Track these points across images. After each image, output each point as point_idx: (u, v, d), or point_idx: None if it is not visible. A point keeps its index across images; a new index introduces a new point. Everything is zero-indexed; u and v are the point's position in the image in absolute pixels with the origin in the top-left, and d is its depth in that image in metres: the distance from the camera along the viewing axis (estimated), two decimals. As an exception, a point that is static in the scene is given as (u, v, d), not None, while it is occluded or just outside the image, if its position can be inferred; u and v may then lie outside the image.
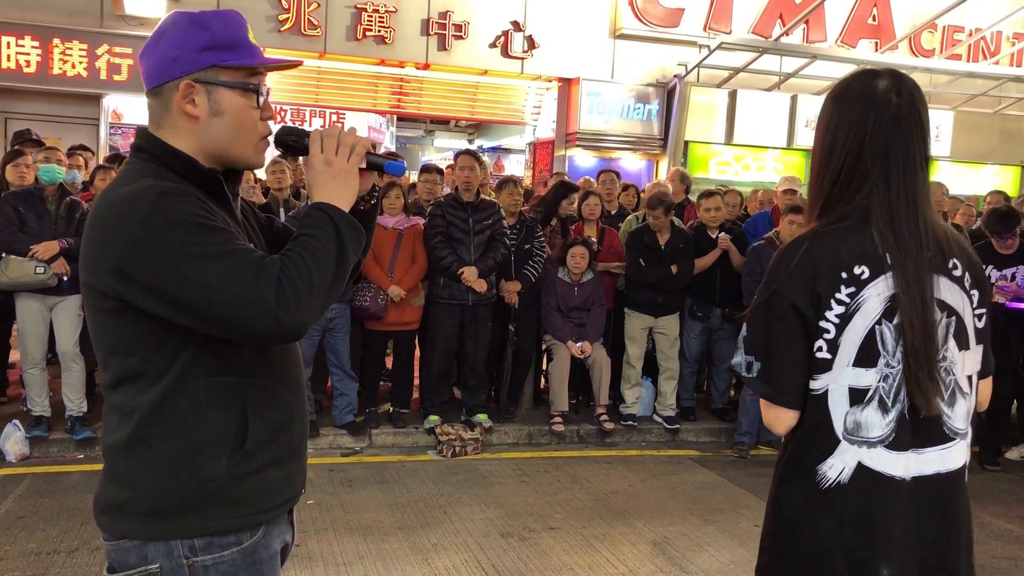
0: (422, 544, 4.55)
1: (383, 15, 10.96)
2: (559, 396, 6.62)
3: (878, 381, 1.73)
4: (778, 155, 12.48)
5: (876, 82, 1.79)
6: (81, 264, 1.57)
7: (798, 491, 1.79)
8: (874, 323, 1.72)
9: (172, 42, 1.61)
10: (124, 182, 1.57)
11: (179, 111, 1.62)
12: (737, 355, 1.84)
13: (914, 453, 1.74)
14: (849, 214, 1.77)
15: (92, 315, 1.60)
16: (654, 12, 11.78)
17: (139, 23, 10.21)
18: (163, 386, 1.55)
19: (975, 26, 12.67)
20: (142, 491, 1.56)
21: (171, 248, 1.45)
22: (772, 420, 1.82)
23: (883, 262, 1.72)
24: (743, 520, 5.16)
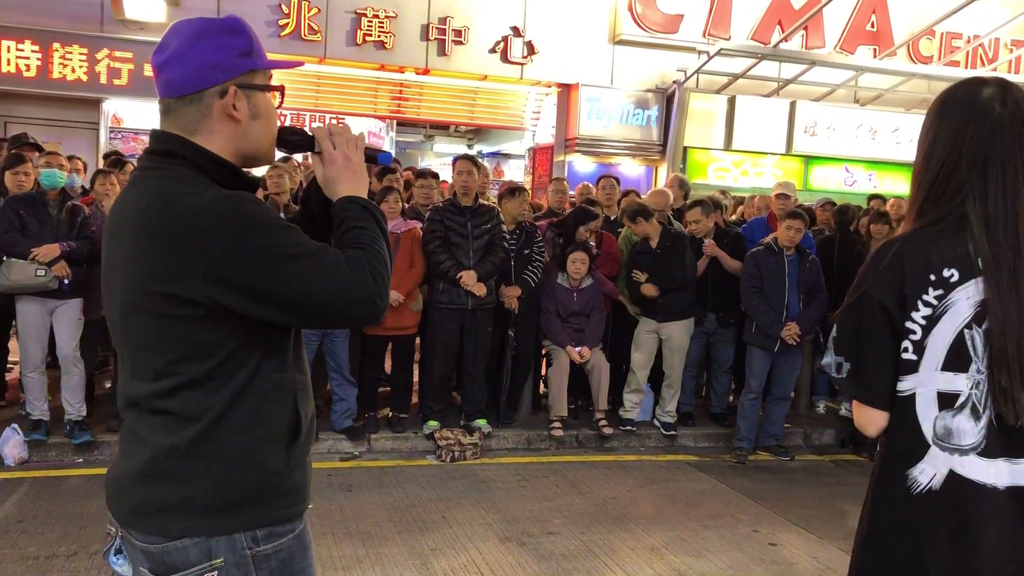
0: (420, 549, 4.55)
1: (383, 20, 10.99)
2: (558, 401, 6.63)
3: (970, 387, 1.72)
4: (777, 161, 12.51)
5: (981, 90, 1.78)
6: (157, 274, 1.53)
7: (889, 496, 1.79)
8: (963, 327, 1.71)
9: (210, 48, 1.63)
10: (188, 190, 1.56)
11: (221, 116, 1.66)
12: (827, 355, 1.85)
13: (1007, 462, 1.72)
14: (943, 218, 1.77)
15: (161, 323, 1.56)
16: (653, 18, 11.81)
17: (139, 27, 10.24)
18: (234, 387, 1.60)
19: (973, 33, 12.72)
20: (207, 488, 1.59)
21: (270, 251, 1.52)
22: (863, 421, 1.82)
23: (975, 267, 1.72)
24: (741, 526, 5.16)
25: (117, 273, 1.62)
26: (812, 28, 12.23)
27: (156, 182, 1.61)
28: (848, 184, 12.79)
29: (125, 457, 1.67)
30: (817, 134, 12.27)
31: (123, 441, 1.70)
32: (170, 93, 1.65)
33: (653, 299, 6.64)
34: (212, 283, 1.52)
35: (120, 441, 1.73)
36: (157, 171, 1.64)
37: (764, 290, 6.46)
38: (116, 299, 1.63)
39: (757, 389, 6.59)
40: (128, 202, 1.64)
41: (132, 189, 1.67)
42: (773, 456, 6.69)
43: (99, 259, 5.80)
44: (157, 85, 1.67)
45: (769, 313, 6.41)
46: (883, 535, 1.79)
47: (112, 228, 1.67)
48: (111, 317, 1.68)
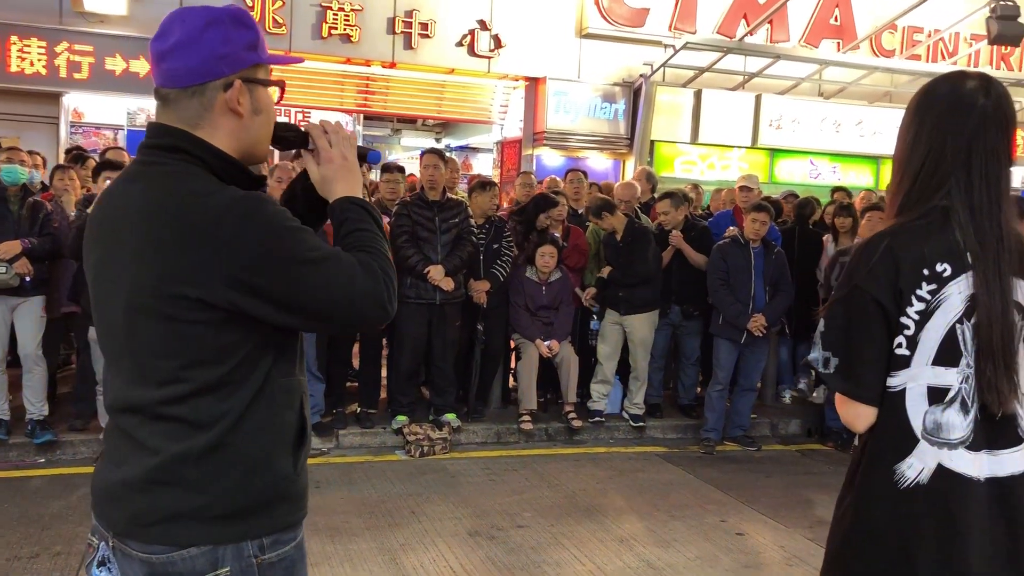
0: (390, 544, 4.54)
1: (348, 13, 10.90)
2: (527, 395, 6.64)
3: (960, 382, 1.73)
4: (743, 154, 12.60)
5: (964, 83, 1.79)
6: (172, 277, 1.48)
7: (876, 491, 1.78)
8: (955, 321, 1.72)
9: (217, 39, 1.57)
10: (202, 188, 1.52)
11: (223, 110, 1.60)
12: (814, 350, 1.83)
13: (987, 454, 1.74)
14: (930, 211, 1.77)
15: (173, 327, 1.50)
16: (620, 12, 11.83)
17: (99, 20, 10.07)
18: (247, 392, 1.56)
19: (934, 27, 12.88)
20: (220, 496, 1.55)
21: (290, 256, 1.50)
22: (851, 417, 1.80)
23: (965, 261, 1.72)
24: (709, 516, 5.20)
25: (118, 273, 1.55)
26: (777, 22, 12.31)
27: (162, 178, 1.55)
28: (813, 177, 12.91)
29: (119, 464, 1.60)
30: (782, 127, 12.36)
31: (115, 447, 1.63)
32: (172, 83, 1.58)
33: (616, 291, 6.67)
34: (231, 286, 1.47)
35: (109, 447, 1.65)
36: (159, 167, 1.57)
37: (731, 282, 6.51)
38: (119, 301, 1.55)
39: (724, 380, 6.64)
40: (129, 198, 1.57)
41: (131, 185, 1.59)
42: (740, 447, 6.75)
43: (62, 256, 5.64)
44: (156, 74, 1.60)
45: (736, 305, 6.46)
46: (870, 530, 1.79)
47: (108, 225, 1.59)
48: (108, 319, 1.60)
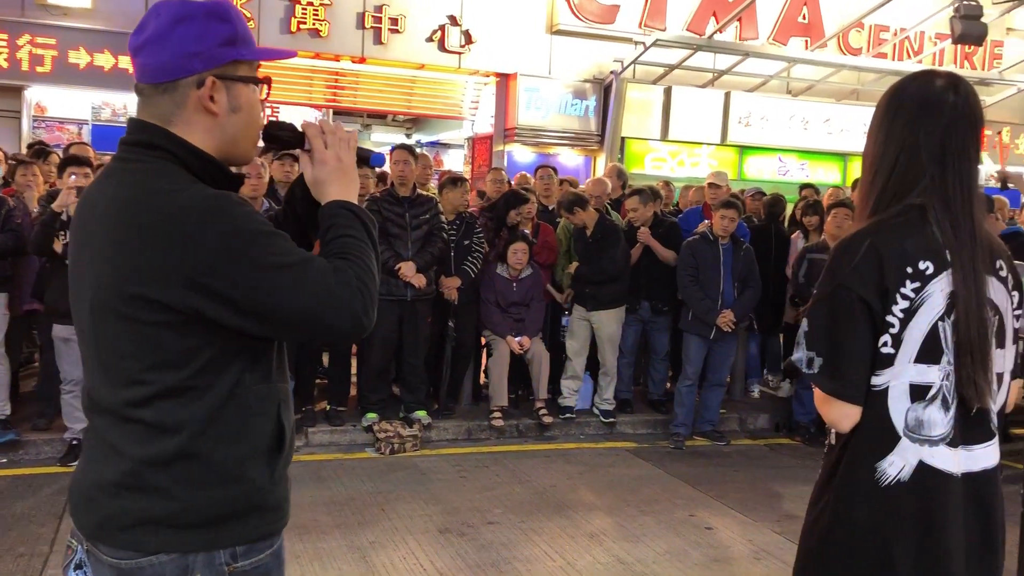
0: (360, 542, 4.51)
1: (317, 8, 10.82)
2: (498, 391, 6.63)
3: (942, 379, 1.74)
4: (712, 151, 12.69)
5: (934, 81, 1.80)
6: (131, 276, 1.45)
7: (857, 488, 1.78)
8: (937, 319, 1.73)
9: (190, 35, 1.53)
10: (169, 186, 1.48)
11: (197, 108, 1.56)
12: (798, 351, 1.82)
13: (964, 450, 1.76)
14: (907, 209, 1.78)
15: (134, 327, 1.47)
16: (590, 8, 11.85)
17: (63, 13, 9.92)
18: (214, 398, 1.51)
19: (900, 26, 13.04)
20: (188, 503, 1.51)
21: (254, 260, 1.44)
22: (838, 417, 1.79)
23: (944, 258, 1.73)
24: (678, 510, 5.23)
25: (86, 271, 1.53)
26: (746, 20, 12.40)
27: (134, 175, 1.52)
28: (782, 173, 13.03)
29: (92, 465, 1.57)
30: (751, 124, 12.46)
31: (90, 448, 1.60)
32: (145, 79, 1.56)
33: (583, 287, 6.70)
34: (189, 287, 1.43)
35: (86, 447, 1.62)
36: (135, 163, 1.54)
37: (700, 278, 6.55)
38: (85, 299, 1.53)
39: (693, 376, 6.68)
40: (101, 195, 1.54)
41: (106, 181, 1.56)
42: (709, 441, 6.79)
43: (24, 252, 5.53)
44: (134, 69, 1.57)
45: (705, 301, 6.50)
46: (851, 529, 1.79)
47: (81, 222, 1.57)
48: (78, 318, 1.58)
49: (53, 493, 5.02)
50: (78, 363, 5.30)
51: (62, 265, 5.22)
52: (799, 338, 1.82)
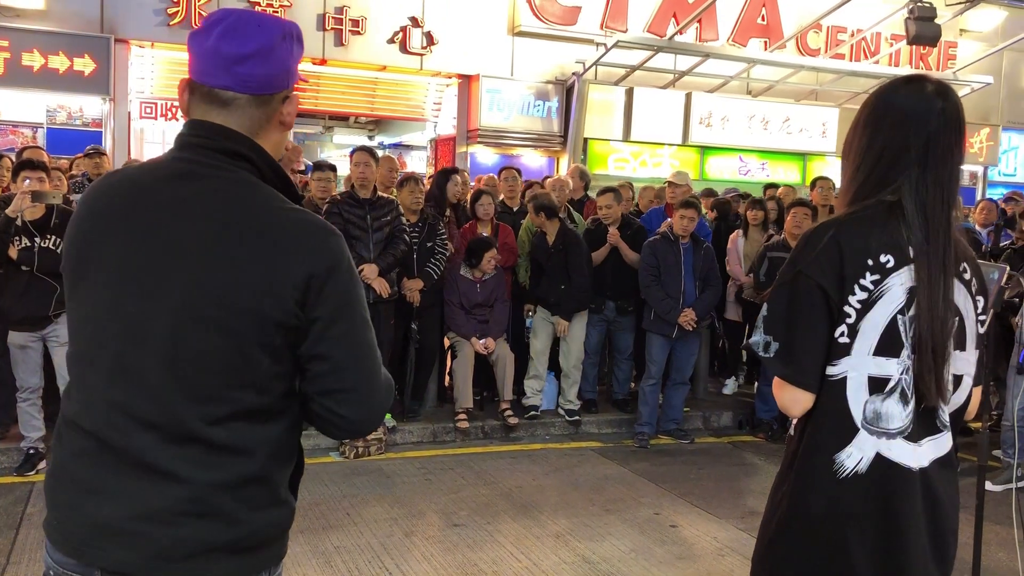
0: (324, 547, 4.48)
1: (277, 10, 10.70)
2: (463, 393, 6.62)
3: (900, 373, 1.76)
4: (674, 151, 12.77)
5: (924, 84, 1.84)
6: (246, 289, 1.44)
7: (814, 479, 1.80)
8: (896, 312, 1.75)
9: (288, 53, 1.58)
10: (278, 202, 1.52)
11: (278, 123, 1.61)
12: (756, 334, 1.84)
13: (921, 443, 1.80)
14: (875, 204, 1.81)
15: (235, 344, 1.44)
16: (551, 10, 11.88)
17: (15, 15, 9.74)
18: (286, 422, 1.55)
19: (857, 27, 13.24)
20: (251, 528, 1.50)
21: (357, 304, 1.54)
22: (788, 402, 1.81)
23: (907, 253, 1.76)
24: (643, 509, 5.26)
25: (164, 276, 1.46)
26: (706, 21, 12.51)
27: (229, 184, 1.51)
28: (743, 173, 13.16)
29: (123, 494, 1.45)
30: (712, 125, 12.56)
31: (111, 473, 1.47)
32: (247, 89, 1.54)
33: (546, 295, 6.79)
34: (299, 306, 1.46)
35: (87, 474, 1.49)
36: (222, 170, 1.52)
37: (661, 278, 6.60)
38: (161, 305, 1.45)
39: (656, 375, 6.73)
40: (184, 198, 1.49)
41: (185, 184, 1.50)
42: (674, 440, 6.84)
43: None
44: (222, 74, 1.52)
45: (666, 300, 6.55)
46: (807, 520, 1.81)
47: (144, 221, 1.49)
48: (128, 323, 1.47)
49: (10, 504, 4.92)
50: (36, 371, 5.27)
51: (18, 271, 5.12)
52: (758, 322, 1.86)
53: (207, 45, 1.53)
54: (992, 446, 5.71)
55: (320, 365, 1.49)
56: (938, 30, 10.54)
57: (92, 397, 1.50)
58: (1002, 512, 5.21)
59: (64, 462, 1.53)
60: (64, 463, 1.53)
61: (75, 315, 1.56)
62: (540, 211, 6.73)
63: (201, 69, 1.55)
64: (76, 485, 1.50)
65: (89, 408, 1.50)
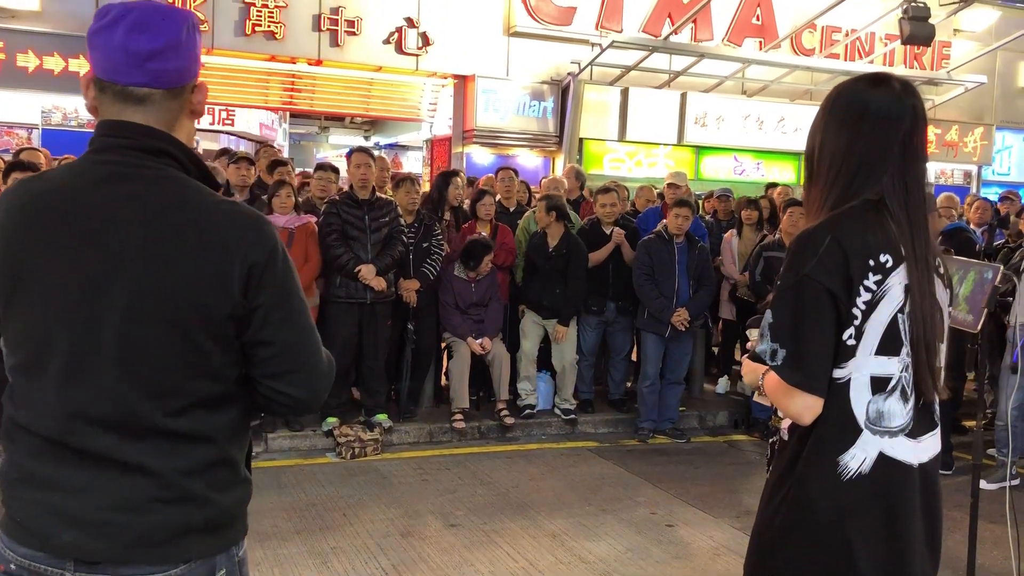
0: (321, 548, 4.49)
1: (272, 10, 10.71)
2: (459, 393, 6.63)
3: (901, 371, 1.77)
4: (669, 151, 12.79)
5: (893, 83, 1.85)
6: (194, 285, 1.47)
7: (818, 482, 1.79)
8: (896, 311, 1.76)
9: (194, 43, 1.59)
10: (210, 197, 1.54)
11: (189, 112, 1.62)
12: (762, 342, 1.82)
13: (918, 441, 1.82)
14: (864, 204, 1.81)
15: (186, 337, 1.48)
16: (547, 10, 11.89)
17: (10, 16, 9.73)
18: (240, 406, 1.60)
19: (851, 27, 13.26)
20: (223, 507, 1.57)
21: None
22: (800, 409, 1.77)
23: (900, 251, 1.77)
24: (639, 508, 5.28)
25: (110, 278, 1.46)
26: (701, 21, 12.51)
27: (164, 182, 1.52)
28: (738, 173, 13.18)
29: (92, 490, 1.48)
30: (707, 125, 12.58)
31: (76, 469, 1.49)
32: (160, 84, 1.54)
33: (537, 296, 6.81)
34: (244, 296, 1.50)
35: (47, 471, 1.50)
36: (150, 170, 1.53)
37: (655, 277, 6.61)
38: (111, 307, 1.46)
39: (653, 375, 6.75)
40: (119, 200, 1.49)
41: (118, 186, 1.50)
42: (670, 439, 6.85)
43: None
44: (137, 72, 1.52)
45: (660, 300, 6.57)
46: (811, 525, 1.80)
47: (81, 225, 1.49)
48: (74, 326, 1.48)
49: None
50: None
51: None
52: (763, 330, 1.83)
53: (115, 42, 1.51)
54: (986, 445, 5.74)
55: (265, 350, 1.55)
56: (932, 30, 10.56)
57: (45, 406, 1.50)
58: (996, 510, 5.21)
59: (20, 462, 1.54)
60: (20, 463, 1.54)
61: (16, 325, 1.53)
62: (552, 210, 6.71)
63: (111, 67, 1.53)
64: (38, 482, 1.51)
65: (42, 416, 1.50)
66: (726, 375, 8.14)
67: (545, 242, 6.78)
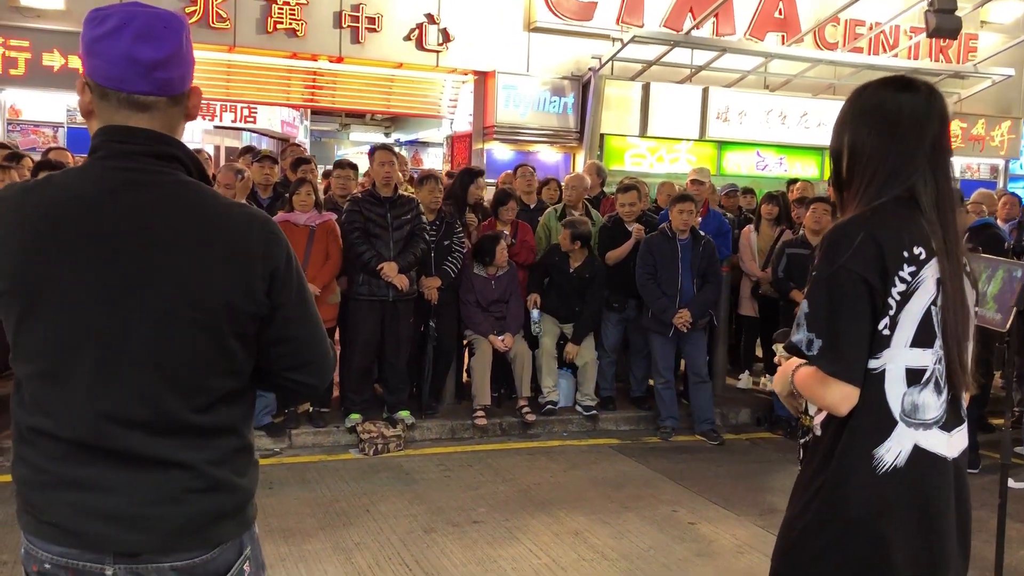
0: (345, 543, 4.51)
1: (294, 8, 10.77)
2: (481, 390, 6.64)
3: (935, 363, 1.79)
4: (691, 147, 12.74)
5: (919, 86, 1.90)
6: (219, 287, 1.53)
7: (854, 476, 1.80)
8: (930, 303, 1.78)
9: (190, 49, 1.63)
10: (225, 200, 1.61)
11: (185, 116, 1.66)
12: (799, 332, 1.83)
13: (951, 434, 1.83)
14: (896, 200, 1.84)
15: (214, 338, 1.54)
16: (567, 5, 11.87)
17: (36, 16, 9.83)
18: (251, 395, 1.70)
19: (875, 20, 13.14)
20: (245, 490, 1.66)
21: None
22: (838, 399, 1.78)
23: (931, 245, 1.80)
24: (662, 506, 5.27)
25: (136, 283, 1.49)
26: (722, 15, 12.45)
27: (177, 187, 1.56)
28: (760, 168, 13.11)
29: (124, 486, 1.52)
30: (729, 120, 12.52)
31: (107, 469, 1.52)
32: (165, 92, 1.57)
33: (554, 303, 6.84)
34: (268, 296, 1.58)
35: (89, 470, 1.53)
36: (164, 175, 1.56)
37: (659, 275, 6.57)
38: (140, 311, 1.49)
39: (666, 373, 6.72)
40: (137, 207, 1.52)
41: (136, 193, 1.52)
42: (708, 440, 6.74)
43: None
44: (143, 81, 1.53)
45: (662, 299, 6.54)
46: (846, 519, 1.81)
47: (104, 233, 1.50)
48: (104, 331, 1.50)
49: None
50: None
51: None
52: (799, 319, 1.84)
53: (119, 51, 1.52)
54: (1014, 443, 5.68)
55: (287, 346, 1.64)
56: (958, 23, 10.44)
57: (72, 410, 1.52)
58: (1023, 510, 5.18)
59: (44, 467, 1.55)
60: (44, 467, 1.55)
61: (34, 335, 1.53)
62: (576, 239, 6.70)
63: (116, 76, 1.53)
64: (71, 484, 1.53)
65: (70, 420, 1.52)
66: (747, 371, 8.10)
67: (567, 263, 6.77)
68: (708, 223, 7.28)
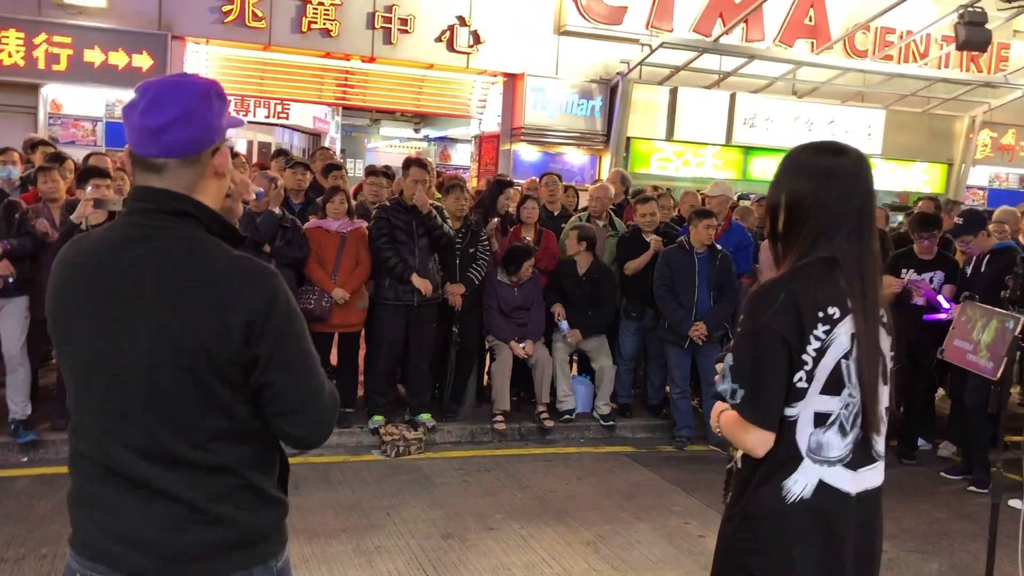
0: (366, 547, 4.71)
1: (328, 8, 10.97)
2: (501, 396, 6.81)
3: (840, 408, 2.01)
4: (717, 151, 12.81)
5: (848, 151, 2.09)
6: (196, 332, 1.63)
7: (764, 504, 2.04)
8: (841, 357, 1.99)
9: (210, 112, 1.74)
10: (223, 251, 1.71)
11: (212, 174, 1.77)
12: (724, 383, 2.06)
13: (856, 472, 2.04)
14: (818, 261, 2.03)
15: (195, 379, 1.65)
16: (598, 10, 11.96)
17: (78, 12, 10.10)
18: (261, 439, 1.77)
19: (907, 28, 13.10)
20: (249, 526, 1.75)
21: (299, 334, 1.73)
22: (755, 443, 2.02)
23: (847, 304, 2.00)
24: (673, 518, 5.42)
25: (134, 329, 1.65)
26: (752, 22, 12.49)
27: (178, 240, 1.70)
28: (786, 174, 13.11)
29: (139, 510, 1.69)
30: (756, 126, 12.57)
31: (126, 494, 1.70)
32: (174, 154, 1.71)
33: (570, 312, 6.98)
34: (245, 344, 1.65)
35: (102, 494, 1.73)
36: (170, 230, 1.71)
37: (675, 287, 6.70)
38: (136, 355, 1.65)
39: (682, 383, 6.87)
40: (138, 258, 1.68)
41: (139, 246, 1.69)
42: (709, 447, 6.87)
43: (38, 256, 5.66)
44: (149, 144, 1.70)
45: (679, 311, 6.67)
46: (758, 541, 2.05)
47: (109, 282, 1.68)
48: (113, 372, 1.68)
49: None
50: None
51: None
52: (724, 371, 2.07)
53: (134, 121, 1.71)
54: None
55: (267, 392, 1.71)
56: (988, 35, 10.42)
57: (94, 437, 1.73)
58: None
59: (82, 486, 1.78)
60: (83, 486, 1.78)
61: (65, 369, 1.78)
62: (583, 241, 6.87)
63: (134, 141, 1.73)
64: (95, 504, 1.74)
65: (95, 445, 1.73)
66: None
67: (575, 269, 6.93)
68: (729, 237, 7.35)
